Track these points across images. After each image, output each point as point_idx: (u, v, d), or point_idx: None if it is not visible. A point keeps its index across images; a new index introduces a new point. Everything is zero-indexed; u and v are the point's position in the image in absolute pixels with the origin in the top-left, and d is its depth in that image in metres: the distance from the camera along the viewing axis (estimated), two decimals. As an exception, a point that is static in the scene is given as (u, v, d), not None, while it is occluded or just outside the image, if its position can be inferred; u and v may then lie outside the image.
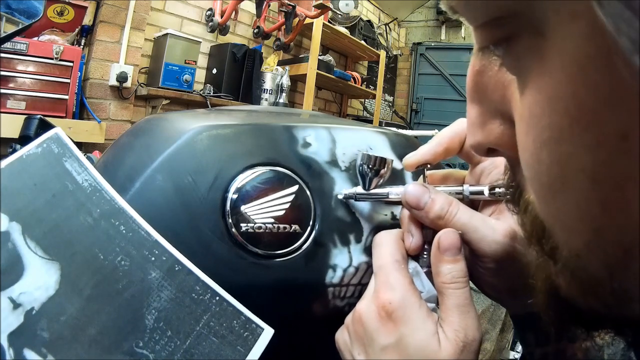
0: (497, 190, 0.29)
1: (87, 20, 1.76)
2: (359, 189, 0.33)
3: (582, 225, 0.15)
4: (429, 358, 0.26)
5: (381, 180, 0.32)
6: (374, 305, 0.28)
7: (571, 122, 0.13)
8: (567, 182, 0.14)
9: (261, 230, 0.31)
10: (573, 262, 0.16)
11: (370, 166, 0.31)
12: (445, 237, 0.27)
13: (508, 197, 0.24)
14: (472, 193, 0.30)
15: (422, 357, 0.26)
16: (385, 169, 0.31)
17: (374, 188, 0.32)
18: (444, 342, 0.26)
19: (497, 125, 0.20)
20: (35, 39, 1.54)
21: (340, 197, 0.34)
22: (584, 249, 0.15)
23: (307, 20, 2.51)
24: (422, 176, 0.33)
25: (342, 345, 0.31)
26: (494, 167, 0.31)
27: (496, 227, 0.28)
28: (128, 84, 1.83)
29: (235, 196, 0.31)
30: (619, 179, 0.13)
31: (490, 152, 0.22)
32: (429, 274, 0.29)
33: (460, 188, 0.31)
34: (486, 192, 0.30)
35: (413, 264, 0.30)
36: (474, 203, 0.32)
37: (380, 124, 3.35)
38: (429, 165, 0.32)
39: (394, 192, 0.32)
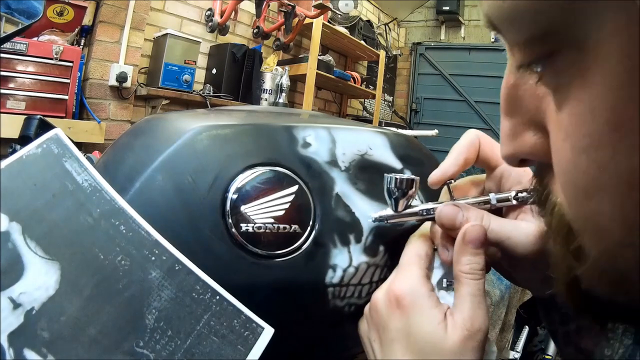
0: (520, 195, 0.30)
1: (87, 20, 1.76)
2: (389, 211, 0.32)
3: (616, 224, 0.16)
4: (435, 344, 0.27)
5: (410, 201, 0.32)
6: (387, 293, 0.30)
7: (611, 130, 0.15)
8: (603, 184, 0.16)
9: (261, 230, 0.31)
10: (603, 260, 0.18)
11: (398, 187, 0.31)
12: (471, 230, 0.29)
13: (533, 200, 0.26)
14: (498, 201, 0.31)
15: (428, 343, 0.27)
16: (414, 189, 0.31)
17: (403, 209, 0.32)
18: (451, 328, 0.27)
19: (530, 136, 0.21)
20: (35, 39, 1.53)
21: (370, 220, 0.33)
22: (616, 247, 0.17)
23: (307, 20, 2.51)
24: (445, 189, 0.33)
25: (362, 332, 0.33)
26: (512, 170, 0.32)
27: (528, 231, 0.29)
28: (128, 84, 1.83)
29: (235, 196, 0.31)
30: None
31: (522, 162, 0.23)
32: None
33: (487, 198, 0.31)
34: (512, 200, 0.31)
35: (440, 272, 0.31)
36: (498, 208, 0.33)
37: (380, 124, 3.35)
38: (452, 181, 0.32)
39: (425, 210, 0.32)
